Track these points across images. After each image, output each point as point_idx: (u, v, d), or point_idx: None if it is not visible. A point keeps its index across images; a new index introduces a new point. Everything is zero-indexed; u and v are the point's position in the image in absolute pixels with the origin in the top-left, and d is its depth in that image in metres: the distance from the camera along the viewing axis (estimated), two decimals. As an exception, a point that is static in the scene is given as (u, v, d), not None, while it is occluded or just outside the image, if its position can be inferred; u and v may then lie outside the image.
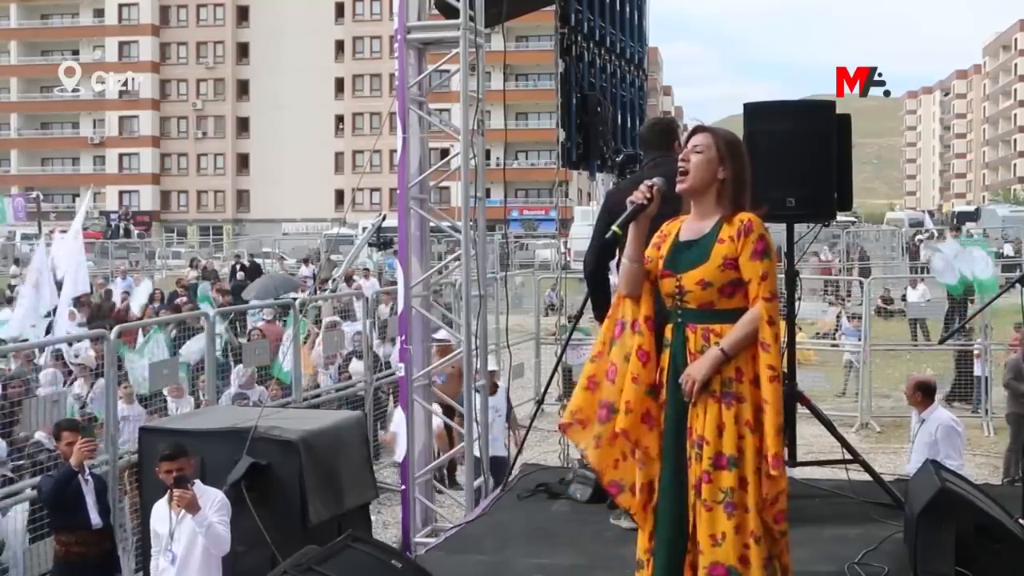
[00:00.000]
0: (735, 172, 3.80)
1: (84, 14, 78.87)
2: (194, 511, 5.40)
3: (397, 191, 7.09)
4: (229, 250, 42.82)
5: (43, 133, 79.69)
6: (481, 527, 5.95)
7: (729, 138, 3.87)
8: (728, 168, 3.79)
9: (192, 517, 5.42)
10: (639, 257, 3.84)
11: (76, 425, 6.55)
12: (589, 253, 5.70)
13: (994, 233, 39.30)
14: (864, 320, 14.38)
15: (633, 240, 3.83)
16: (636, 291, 3.84)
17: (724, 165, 3.79)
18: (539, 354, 14.81)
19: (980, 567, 4.43)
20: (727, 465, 3.59)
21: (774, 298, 3.66)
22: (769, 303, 3.64)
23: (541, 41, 59.74)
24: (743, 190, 3.80)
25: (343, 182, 74.43)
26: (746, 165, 3.84)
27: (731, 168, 3.80)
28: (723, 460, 3.60)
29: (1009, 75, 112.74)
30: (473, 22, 6.89)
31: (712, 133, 3.87)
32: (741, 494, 3.59)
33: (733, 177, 3.79)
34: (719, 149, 3.80)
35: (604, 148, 8.12)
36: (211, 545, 5.47)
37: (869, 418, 13.12)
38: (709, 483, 3.61)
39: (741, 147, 3.89)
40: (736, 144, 3.87)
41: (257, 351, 9.95)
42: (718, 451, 3.61)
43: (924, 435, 7.71)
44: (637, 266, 3.84)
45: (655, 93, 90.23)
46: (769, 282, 3.66)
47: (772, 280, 3.68)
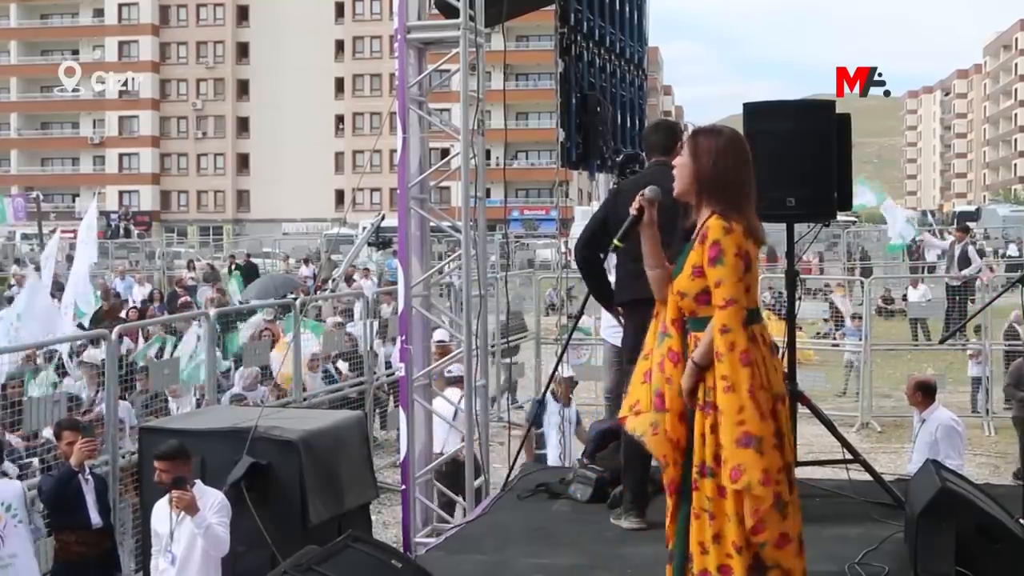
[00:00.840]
0: (713, 172, 3.71)
1: (84, 14, 78.89)
2: (193, 512, 5.40)
3: (397, 191, 7.08)
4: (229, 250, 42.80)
5: (43, 133, 79.72)
6: (481, 527, 5.95)
7: (706, 137, 3.79)
8: (704, 168, 3.72)
9: (191, 518, 5.42)
10: (656, 263, 3.93)
11: (77, 425, 6.55)
12: (577, 243, 5.90)
13: (995, 233, 39.35)
14: (864, 320, 14.38)
15: (647, 248, 3.93)
16: (663, 295, 3.91)
17: (700, 165, 3.73)
18: (539, 354, 14.82)
19: (980, 567, 4.43)
20: (707, 474, 3.62)
21: (728, 305, 3.59)
22: (723, 311, 3.59)
23: (541, 41, 59.75)
24: (722, 191, 3.70)
25: (343, 182, 74.45)
26: (728, 163, 3.73)
27: (707, 168, 3.72)
28: (704, 469, 3.63)
29: (1010, 75, 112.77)
30: (473, 22, 6.89)
31: (693, 135, 3.83)
32: (720, 503, 3.60)
33: (710, 177, 3.72)
34: (694, 150, 3.76)
35: (604, 148, 8.12)
36: (210, 547, 5.47)
37: (869, 418, 13.13)
38: (696, 491, 3.66)
39: (721, 143, 3.77)
40: (713, 141, 3.77)
41: (258, 351, 9.95)
42: (701, 460, 3.64)
43: (924, 435, 7.72)
44: (656, 272, 3.94)
45: (655, 93, 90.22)
46: (723, 289, 3.60)
47: (727, 287, 3.60)
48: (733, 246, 3.62)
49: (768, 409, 3.58)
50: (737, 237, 3.63)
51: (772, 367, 3.70)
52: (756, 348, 3.62)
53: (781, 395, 3.70)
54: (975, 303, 17.80)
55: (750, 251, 3.67)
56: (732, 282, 3.61)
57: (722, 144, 3.76)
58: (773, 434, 3.58)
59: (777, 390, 3.66)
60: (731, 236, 3.62)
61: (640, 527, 5.48)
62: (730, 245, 3.62)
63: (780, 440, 3.63)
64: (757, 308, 3.76)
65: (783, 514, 3.58)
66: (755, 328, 3.67)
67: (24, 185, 69.65)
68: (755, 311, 3.72)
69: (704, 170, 3.73)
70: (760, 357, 3.63)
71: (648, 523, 5.49)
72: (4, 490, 6.04)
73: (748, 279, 3.66)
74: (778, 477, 3.56)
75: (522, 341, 15.03)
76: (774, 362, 3.75)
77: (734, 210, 3.67)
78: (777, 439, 3.60)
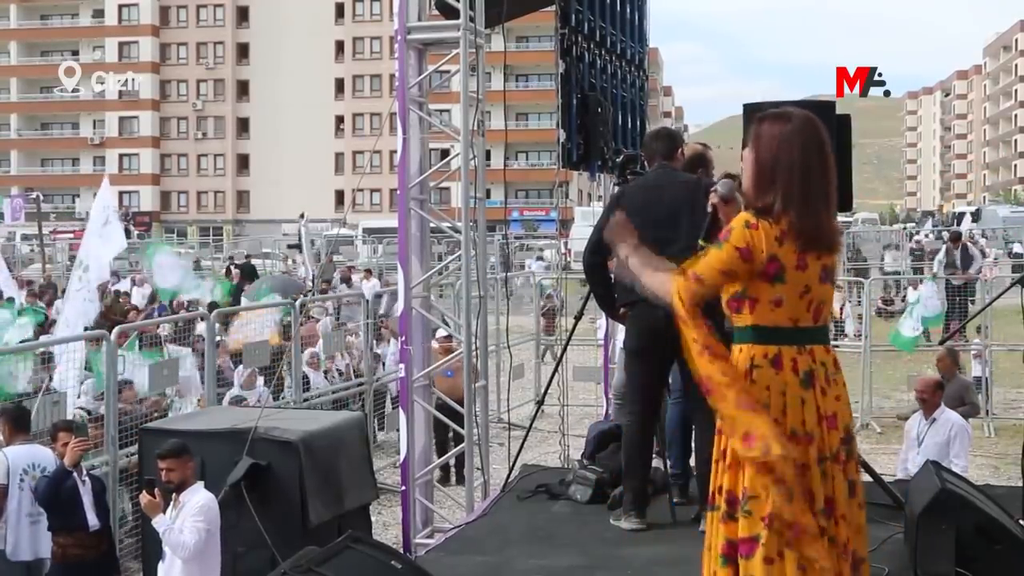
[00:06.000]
0: (752, 159, 3.29)
1: (84, 14, 78.93)
2: (152, 514, 5.55)
3: (397, 192, 7.08)
4: (229, 251, 42.79)
5: (43, 134, 79.76)
6: (481, 528, 5.95)
7: (772, 123, 3.30)
8: (764, 160, 3.26)
9: (152, 520, 5.57)
10: None
11: (71, 425, 6.55)
12: (585, 250, 5.87)
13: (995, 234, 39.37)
14: (864, 320, 14.38)
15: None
16: None
17: (759, 156, 3.28)
18: (539, 355, 14.83)
19: (980, 567, 4.43)
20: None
21: (689, 279, 3.24)
22: (678, 278, 3.27)
23: (541, 41, 59.77)
24: (761, 179, 3.25)
25: (343, 183, 74.46)
26: (768, 146, 3.26)
27: (768, 159, 3.26)
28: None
29: (1010, 76, 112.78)
30: (473, 22, 6.89)
31: (759, 121, 3.34)
32: (711, 514, 3.37)
33: (750, 164, 3.30)
34: (756, 140, 3.30)
35: (604, 149, 8.12)
36: (171, 550, 5.56)
37: (870, 419, 13.12)
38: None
39: (768, 126, 3.29)
40: (762, 123, 3.31)
41: (257, 352, 9.95)
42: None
43: (935, 436, 7.73)
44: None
45: (655, 94, 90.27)
46: (700, 263, 3.25)
47: (702, 264, 3.24)
48: (742, 240, 3.19)
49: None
50: (757, 236, 3.17)
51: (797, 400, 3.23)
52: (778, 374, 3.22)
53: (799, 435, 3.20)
54: (975, 303, 17.82)
55: (781, 257, 3.17)
56: (710, 266, 3.22)
57: (787, 132, 3.25)
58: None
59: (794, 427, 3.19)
60: (748, 231, 3.18)
61: (640, 528, 5.49)
62: (739, 238, 3.19)
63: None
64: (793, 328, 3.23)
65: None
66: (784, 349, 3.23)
67: (24, 186, 69.62)
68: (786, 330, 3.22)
69: (758, 155, 3.27)
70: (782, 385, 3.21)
71: (648, 524, 5.49)
72: (37, 454, 6.37)
73: (777, 290, 3.20)
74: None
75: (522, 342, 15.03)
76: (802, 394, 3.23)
77: (791, 206, 3.19)
78: None
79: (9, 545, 6.29)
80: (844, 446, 3.26)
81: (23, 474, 6.30)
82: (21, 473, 6.30)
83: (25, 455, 6.37)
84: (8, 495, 6.25)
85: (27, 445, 6.48)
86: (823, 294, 3.27)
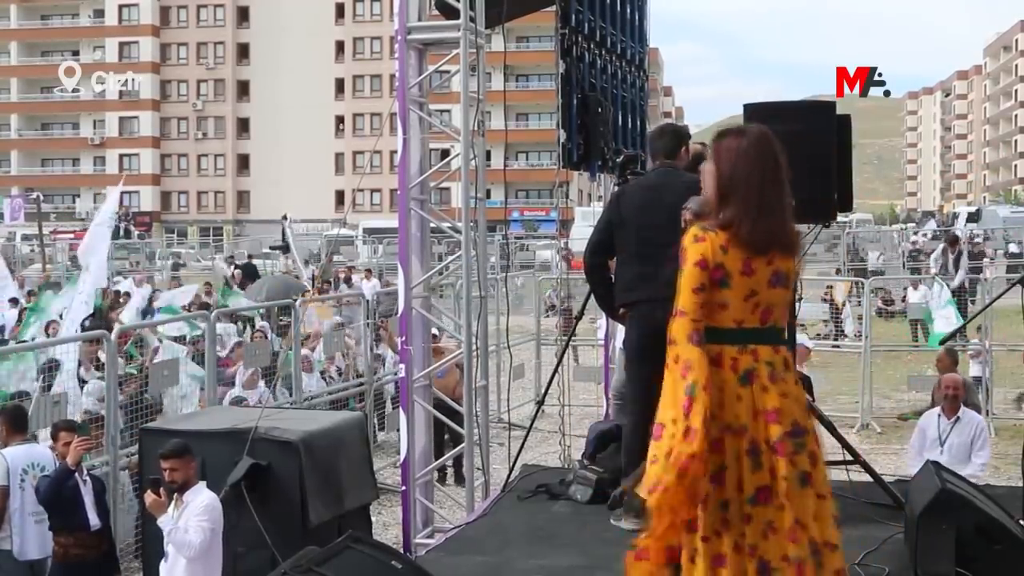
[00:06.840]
0: (713, 172, 3.48)
1: (84, 14, 78.96)
2: (157, 514, 5.56)
3: (397, 192, 7.08)
4: (229, 251, 42.82)
5: (43, 134, 79.76)
6: (481, 528, 5.95)
7: (732, 138, 3.52)
8: (724, 173, 3.46)
9: (158, 520, 5.57)
10: None
11: (73, 425, 6.56)
12: (585, 250, 5.88)
13: (995, 234, 39.38)
14: (864, 320, 14.38)
15: None
16: None
17: (720, 170, 3.47)
18: (539, 355, 14.82)
19: (980, 567, 4.44)
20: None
21: (676, 316, 3.37)
22: (672, 320, 3.40)
23: (541, 42, 59.78)
24: (726, 192, 3.42)
25: (343, 183, 74.47)
26: (726, 159, 3.46)
27: (727, 173, 3.45)
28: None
29: (1010, 76, 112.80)
30: (473, 23, 6.89)
31: (718, 136, 3.56)
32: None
33: (711, 177, 3.49)
34: (716, 153, 3.51)
35: (605, 149, 8.11)
36: (177, 549, 5.55)
37: (870, 419, 13.12)
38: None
39: (728, 141, 3.50)
40: (722, 139, 3.52)
41: (257, 352, 9.95)
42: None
43: (960, 435, 7.82)
44: None
45: (656, 94, 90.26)
46: (677, 298, 3.38)
47: (679, 297, 3.37)
48: (696, 255, 3.35)
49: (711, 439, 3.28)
50: (705, 247, 3.35)
51: (733, 396, 3.36)
52: (717, 372, 3.35)
53: (735, 428, 3.35)
54: (975, 304, 17.83)
55: (726, 264, 3.35)
56: (684, 293, 3.35)
57: (744, 146, 3.47)
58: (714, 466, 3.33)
59: (729, 421, 3.35)
60: (697, 245, 3.36)
61: (640, 528, 5.48)
62: (693, 254, 3.36)
63: (721, 474, 3.36)
64: (736, 328, 3.39)
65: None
66: (725, 348, 3.38)
67: (24, 186, 69.68)
68: (728, 331, 3.38)
69: (720, 169, 3.45)
70: (720, 382, 3.35)
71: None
72: (35, 454, 6.43)
73: (723, 295, 3.35)
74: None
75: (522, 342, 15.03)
76: (739, 391, 3.37)
77: (743, 217, 3.36)
78: (718, 473, 3.35)
79: (16, 545, 6.33)
80: (792, 439, 3.37)
81: (23, 474, 6.32)
82: (21, 473, 6.32)
83: (23, 455, 6.39)
84: (10, 496, 6.27)
85: (25, 445, 6.50)
86: (772, 297, 3.43)
